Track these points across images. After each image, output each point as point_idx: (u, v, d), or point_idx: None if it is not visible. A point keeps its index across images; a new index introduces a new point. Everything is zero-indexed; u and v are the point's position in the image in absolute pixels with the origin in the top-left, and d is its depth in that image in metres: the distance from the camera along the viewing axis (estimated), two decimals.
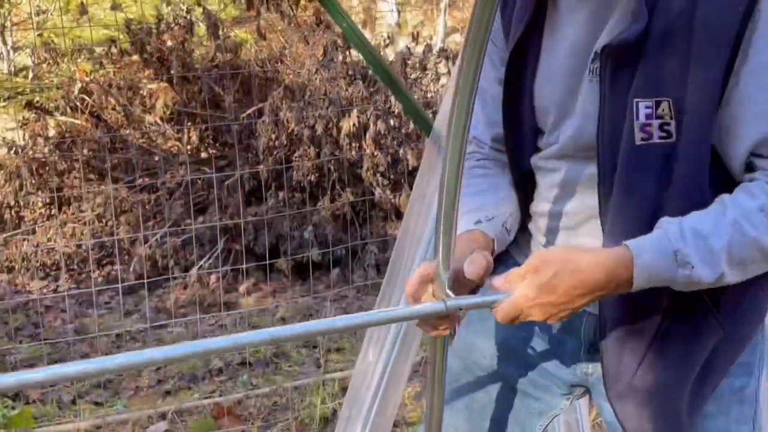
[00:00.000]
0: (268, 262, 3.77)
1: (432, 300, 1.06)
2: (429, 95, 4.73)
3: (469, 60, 0.88)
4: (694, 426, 1.20)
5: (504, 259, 1.31)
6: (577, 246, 1.17)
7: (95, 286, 3.85)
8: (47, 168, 4.56)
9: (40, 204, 4.65)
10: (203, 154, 4.79)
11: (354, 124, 4.21)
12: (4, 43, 7.03)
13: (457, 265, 1.08)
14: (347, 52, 4.50)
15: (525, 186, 1.30)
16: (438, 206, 0.99)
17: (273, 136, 4.30)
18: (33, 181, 4.54)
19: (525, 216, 1.32)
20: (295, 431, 2.95)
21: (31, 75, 5.76)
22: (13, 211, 4.62)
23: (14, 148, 4.57)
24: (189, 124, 4.75)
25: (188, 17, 4.59)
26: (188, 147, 4.76)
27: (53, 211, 4.54)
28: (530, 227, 1.32)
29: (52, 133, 4.73)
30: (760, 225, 1.05)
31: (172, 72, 4.49)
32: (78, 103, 4.67)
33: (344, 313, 3.95)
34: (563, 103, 1.18)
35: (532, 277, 1.04)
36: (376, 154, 4.28)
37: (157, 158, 4.64)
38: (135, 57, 4.66)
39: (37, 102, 4.83)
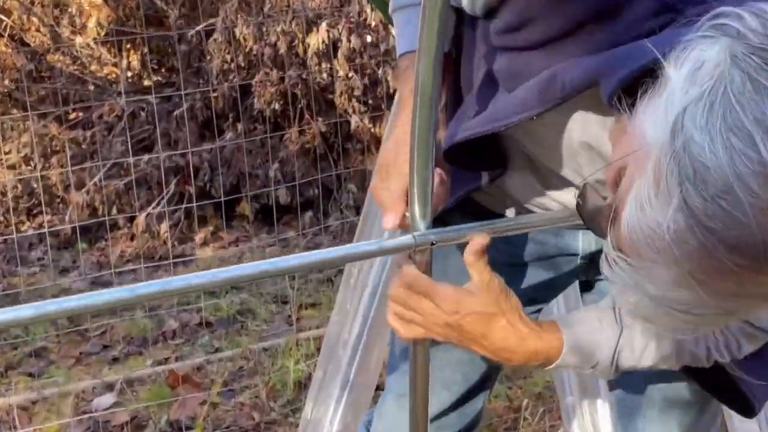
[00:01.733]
0: (224, 205, 3.74)
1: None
2: None
3: None
4: None
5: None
6: (530, 327, 1.16)
7: (24, 239, 3.82)
8: None
9: None
10: (146, 82, 4.73)
11: (323, 41, 4.14)
12: None
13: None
14: None
15: None
16: (412, 121, 1.01)
17: (228, 58, 4.25)
18: None
19: None
20: (265, 398, 2.97)
21: None
22: None
23: None
24: (128, 46, 4.70)
25: None
26: (128, 73, 4.72)
27: None
28: None
29: None
30: (686, 357, 1.18)
31: None
32: None
33: None
34: None
35: (482, 306, 1.11)
36: (350, 75, 4.23)
37: (91, 88, 4.58)
38: None
39: None
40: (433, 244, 1.09)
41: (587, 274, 1.39)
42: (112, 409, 2.96)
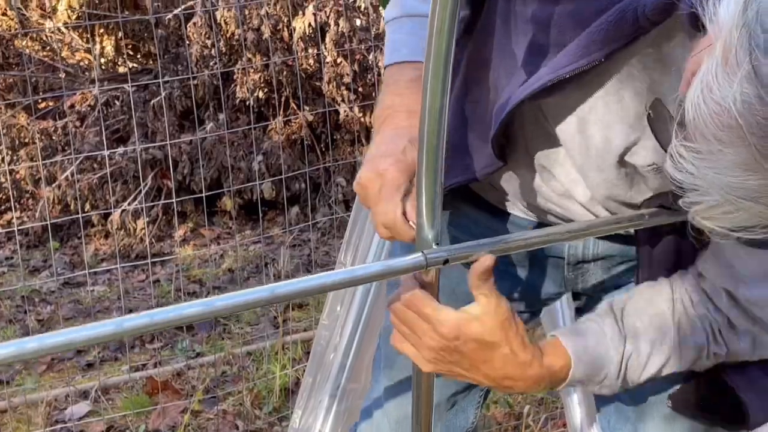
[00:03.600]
0: (205, 200, 3.73)
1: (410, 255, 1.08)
2: None
3: None
4: None
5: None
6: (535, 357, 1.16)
7: None
8: None
9: None
10: (120, 69, 4.76)
11: (310, 25, 4.15)
12: None
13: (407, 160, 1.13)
14: None
15: None
16: (420, 135, 0.99)
17: (208, 43, 4.26)
18: None
19: None
20: (249, 405, 2.97)
21: None
22: None
23: None
24: (101, 30, 4.71)
25: None
26: (101, 60, 4.74)
27: None
28: None
29: None
30: (684, 360, 1.20)
31: None
32: None
33: (306, 261, 3.96)
34: None
35: (486, 333, 1.10)
36: (338, 61, 4.24)
37: (62, 75, 4.58)
38: None
39: None
40: (446, 262, 1.07)
41: (575, 284, 1.39)
42: (87, 418, 2.95)
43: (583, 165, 1.17)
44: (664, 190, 1.14)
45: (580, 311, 1.45)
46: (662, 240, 1.24)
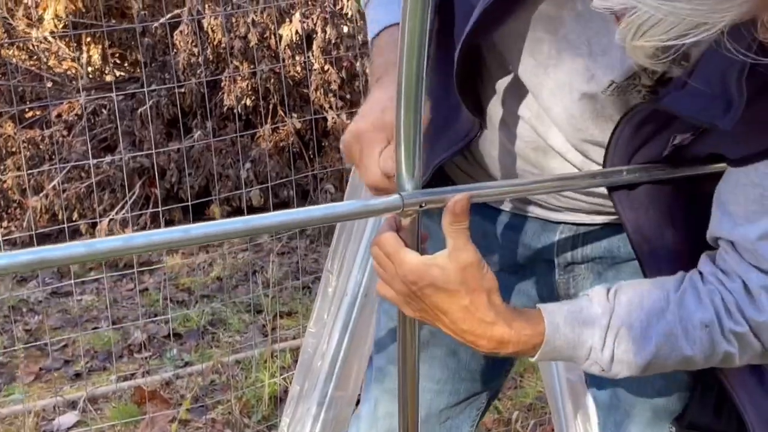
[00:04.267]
0: (192, 208, 3.71)
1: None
2: None
3: None
4: None
5: None
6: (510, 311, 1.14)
7: None
8: None
9: None
10: (107, 77, 4.72)
11: (297, 32, 4.13)
12: None
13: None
14: None
15: None
16: (399, 73, 0.97)
17: (195, 51, 4.23)
18: None
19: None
20: (238, 414, 2.96)
21: None
22: None
23: None
24: (88, 39, 4.68)
25: None
26: (88, 69, 4.71)
27: None
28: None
29: None
30: (697, 343, 1.11)
31: None
32: None
33: (294, 269, 3.96)
34: None
35: (443, 280, 1.07)
36: (326, 68, 4.24)
37: (49, 84, 4.58)
38: None
39: None
40: (421, 206, 1.05)
41: (567, 288, 1.38)
42: (75, 428, 2.94)
43: (548, 103, 1.17)
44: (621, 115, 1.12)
45: None
46: (651, 224, 1.21)
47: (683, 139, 1.11)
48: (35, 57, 4.70)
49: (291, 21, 4.16)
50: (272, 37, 4.24)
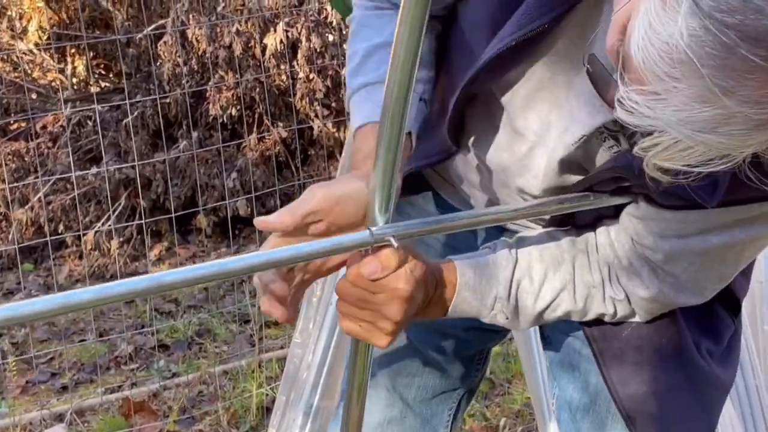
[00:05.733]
0: (177, 219, 3.73)
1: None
2: None
3: None
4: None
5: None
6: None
7: None
8: None
9: None
10: (92, 89, 4.72)
11: (281, 41, 4.14)
12: None
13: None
14: None
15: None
16: (385, 99, 0.99)
17: (179, 61, 4.23)
18: None
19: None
20: (226, 425, 2.97)
21: None
22: None
23: None
24: (72, 51, 4.67)
25: None
26: (72, 80, 4.69)
27: None
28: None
29: None
30: (579, 300, 1.21)
31: None
32: None
33: None
34: None
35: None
36: (311, 77, 4.23)
37: (33, 96, 4.56)
38: None
39: None
40: (391, 238, 1.06)
41: None
42: None
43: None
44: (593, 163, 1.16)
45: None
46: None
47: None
48: (19, 69, 4.67)
49: (275, 30, 4.17)
50: (257, 46, 4.24)
